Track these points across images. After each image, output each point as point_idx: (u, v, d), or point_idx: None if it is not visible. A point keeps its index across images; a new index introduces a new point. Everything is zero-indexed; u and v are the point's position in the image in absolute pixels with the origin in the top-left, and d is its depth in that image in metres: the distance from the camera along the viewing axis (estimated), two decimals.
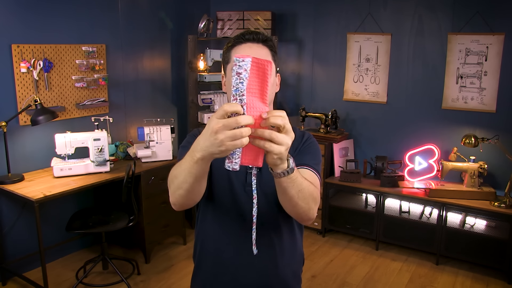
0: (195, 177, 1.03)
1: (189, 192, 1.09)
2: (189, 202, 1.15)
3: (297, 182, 1.05)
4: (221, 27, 4.10)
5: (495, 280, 3.23)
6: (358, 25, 3.89)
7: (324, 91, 4.19)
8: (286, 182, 1.03)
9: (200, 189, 1.11)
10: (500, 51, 3.33)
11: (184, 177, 1.05)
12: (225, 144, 0.88)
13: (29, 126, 3.03)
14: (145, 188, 3.27)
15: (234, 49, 1.27)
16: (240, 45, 1.26)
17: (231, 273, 1.32)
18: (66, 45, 3.26)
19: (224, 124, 0.87)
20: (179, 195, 1.11)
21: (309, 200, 1.12)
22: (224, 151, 0.90)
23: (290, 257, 1.36)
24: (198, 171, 1.00)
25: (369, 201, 3.75)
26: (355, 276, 3.30)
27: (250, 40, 1.26)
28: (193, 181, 1.04)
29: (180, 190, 1.09)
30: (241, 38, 1.27)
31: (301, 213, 1.14)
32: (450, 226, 3.35)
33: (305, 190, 1.09)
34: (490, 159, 3.40)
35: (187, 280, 3.13)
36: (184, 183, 1.06)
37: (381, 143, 3.97)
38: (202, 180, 1.07)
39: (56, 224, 3.30)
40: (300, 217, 1.18)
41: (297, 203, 1.09)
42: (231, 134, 0.87)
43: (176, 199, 1.14)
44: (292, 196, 1.07)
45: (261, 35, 1.27)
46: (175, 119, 4.27)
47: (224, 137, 0.87)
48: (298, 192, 1.07)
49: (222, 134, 0.87)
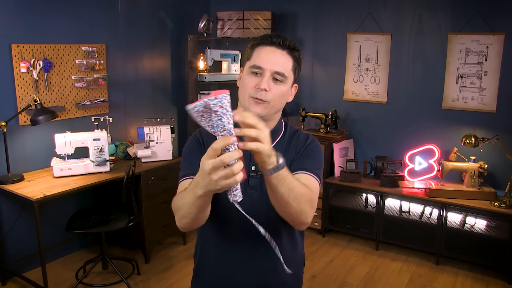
0: (199, 209, 1.08)
1: (195, 220, 1.14)
2: (196, 225, 1.20)
3: (287, 180, 1.06)
4: (221, 27, 4.10)
5: (495, 280, 3.23)
6: (358, 25, 3.88)
7: (324, 91, 4.18)
8: (276, 179, 1.04)
9: (205, 216, 1.16)
10: (500, 51, 3.33)
11: (189, 209, 1.09)
12: (220, 184, 0.93)
13: (29, 126, 3.03)
14: (145, 188, 3.27)
15: (257, 49, 1.26)
16: (264, 46, 1.25)
17: (232, 275, 1.32)
18: (66, 45, 3.26)
19: (214, 166, 0.91)
20: (185, 223, 1.16)
21: (301, 201, 1.11)
22: (223, 188, 0.95)
23: (290, 259, 1.36)
24: (201, 204, 1.06)
25: (369, 201, 3.75)
26: (355, 276, 3.30)
27: (276, 44, 1.24)
28: (197, 212, 1.09)
29: (185, 219, 1.14)
30: (267, 39, 1.25)
31: (293, 214, 1.13)
32: (450, 226, 3.35)
33: (296, 189, 1.09)
34: (490, 159, 3.40)
35: (187, 280, 3.13)
36: (189, 214, 1.11)
37: (381, 143, 3.97)
38: (206, 209, 1.12)
39: (56, 224, 3.30)
40: (293, 220, 1.16)
41: (287, 202, 1.09)
42: (223, 174, 0.92)
43: (182, 226, 1.19)
44: (282, 194, 1.07)
45: (288, 41, 1.25)
46: (175, 119, 4.27)
47: (217, 178, 0.93)
48: (289, 191, 1.07)
49: (215, 175, 0.92)
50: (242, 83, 1.27)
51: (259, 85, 1.21)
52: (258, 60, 1.23)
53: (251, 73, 1.24)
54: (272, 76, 1.22)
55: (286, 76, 1.24)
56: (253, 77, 1.24)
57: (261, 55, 1.23)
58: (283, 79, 1.24)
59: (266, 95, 1.21)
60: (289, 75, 1.25)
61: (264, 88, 1.21)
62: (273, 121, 1.31)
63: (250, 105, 1.23)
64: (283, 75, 1.23)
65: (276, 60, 1.23)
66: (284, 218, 1.18)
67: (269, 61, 1.22)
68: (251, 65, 1.24)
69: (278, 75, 1.23)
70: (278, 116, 1.33)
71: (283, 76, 1.23)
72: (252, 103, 1.23)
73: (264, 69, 1.22)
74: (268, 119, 1.27)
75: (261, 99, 1.22)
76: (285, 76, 1.24)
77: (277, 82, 1.23)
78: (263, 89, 1.21)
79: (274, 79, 1.23)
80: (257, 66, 1.23)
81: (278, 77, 1.23)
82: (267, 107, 1.23)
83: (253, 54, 1.26)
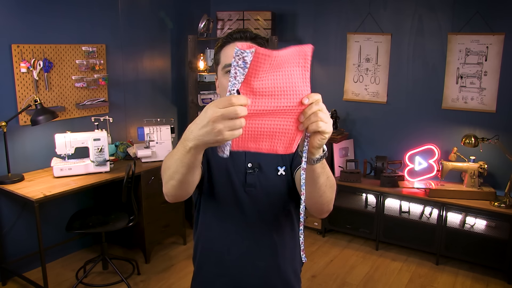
0: (187, 167, 1.00)
1: (182, 183, 1.06)
2: (182, 193, 1.12)
3: (326, 168, 1.05)
4: (221, 27, 4.10)
5: (495, 280, 3.23)
6: (358, 25, 3.89)
7: (324, 91, 4.14)
8: (321, 167, 1.01)
9: (193, 180, 1.08)
10: (500, 51, 3.33)
11: (176, 167, 1.02)
12: (223, 133, 0.85)
13: (29, 126, 3.03)
14: (145, 188, 3.27)
15: (223, 50, 1.26)
16: (228, 44, 1.25)
17: (233, 274, 1.31)
18: (66, 45, 3.26)
19: (224, 113, 0.83)
20: (172, 186, 1.08)
21: (334, 189, 1.12)
22: (220, 141, 0.86)
23: (291, 257, 1.36)
24: (190, 161, 0.97)
25: (369, 201, 3.75)
26: (355, 276, 3.30)
27: (238, 39, 1.25)
28: (185, 171, 1.01)
29: (172, 181, 1.06)
30: (229, 37, 1.26)
31: (325, 203, 1.13)
32: (450, 226, 3.35)
33: (331, 178, 1.09)
34: (490, 159, 3.40)
35: (187, 280, 3.13)
36: (176, 174, 1.03)
37: (381, 143, 3.97)
38: (195, 170, 1.04)
39: (56, 224, 3.30)
40: (322, 209, 1.15)
41: (324, 192, 1.08)
42: (231, 124, 0.84)
43: (168, 190, 1.11)
44: (322, 183, 1.06)
45: (248, 33, 1.26)
46: (175, 119, 4.27)
47: (223, 127, 0.84)
48: (327, 180, 1.07)
49: (221, 123, 0.84)
50: (221, 86, 1.26)
51: None
52: (227, 58, 1.23)
53: (225, 73, 1.24)
54: None
55: None
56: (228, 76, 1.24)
57: (228, 53, 1.24)
58: None
59: None
60: None
61: None
62: None
63: None
64: None
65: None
66: (313, 207, 1.15)
67: None
68: (223, 65, 1.24)
69: None
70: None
71: None
72: None
73: None
74: None
75: None
76: None
77: None
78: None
79: None
80: (229, 64, 1.22)
81: None
82: None
83: (221, 56, 1.26)
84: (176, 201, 1.16)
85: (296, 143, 0.94)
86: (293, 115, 0.90)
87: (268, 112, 0.89)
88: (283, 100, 0.88)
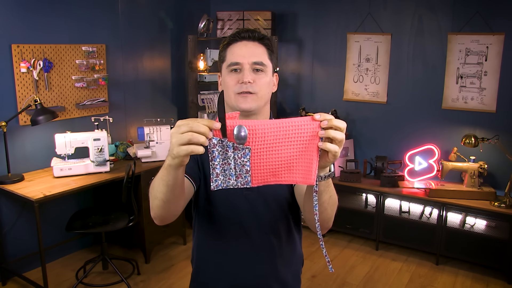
0: (167, 186, 1.01)
1: (165, 203, 1.06)
2: (167, 215, 1.13)
3: (331, 186, 1.05)
4: (221, 27, 4.10)
5: (495, 280, 3.23)
6: (358, 25, 3.89)
7: (324, 91, 4.19)
8: (324, 186, 1.02)
9: (176, 201, 1.09)
10: (500, 51, 3.33)
11: (158, 186, 1.04)
12: (191, 138, 0.88)
13: (29, 126, 3.03)
14: (145, 188, 3.27)
15: (229, 48, 1.26)
16: (235, 43, 1.26)
17: (231, 278, 1.31)
18: (66, 45, 3.26)
19: (191, 126, 0.88)
20: (156, 206, 1.09)
21: (335, 207, 1.12)
22: (187, 143, 0.88)
23: (289, 260, 1.36)
24: (169, 179, 0.99)
25: (369, 201, 3.75)
26: (355, 276, 3.30)
27: (246, 38, 1.25)
28: (166, 190, 1.02)
29: (156, 201, 1.08)
30: (236, 36, 1.26)
31: (325, 220, 1.12)
32: (450, 226, 3.35)
33: (334, 196, 1.09)
34: (490, 159, 3.40)
35: (187, 280, 3.12)
36: (159, 193, 1.05)
37: (381, 143, 3.97)
38: (176, 190, 1.04)
39: (56, 224, 3.30)
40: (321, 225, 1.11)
41: (326, 209, 1.08)
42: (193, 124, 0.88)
43: (154, 212, 1.12)
44: (323, 201, 1.06)
45: (257, 33, 1.27)
46: (175, 119, 4.27)
47: (183, 124, 0.89)
48: (329, 198, 1.07)
49: (184, 126, 0.88)
50: (225, 85, 1.26)
51: (242, 79, 1.21)
52: (233, 57, 1.24)
53: (230, 71, 1.24)
54: (251, 67, 1.23)
55: (265, 65, 1.24)
56: (233, 75, 1.24)
57: (235, 51, 1.24)
58: (263, 68, 1.24)
59: (252, 86, 1.22)
60: (267, 63, 1.26)
61: (248, 81, 1.21)
62: (263, 115, 1.30)
63: (238, 102, 1.23)
64: (261, 64, 1.24)
65: (251, 52, 1.24)
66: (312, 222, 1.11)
67: (244, 55, 1.23)
68: (229, 64, 1.25)
69: (257, 65, 1.23)
70: (267, 109, 1.32)
71: (262, 65, 1.24)
72: (240, 99, 1.22)
73: (242, 63, 1.22)
74: (258, 112, 1.26)
75: (248, 91, 1.21)
76: (264, 65, 1.24)
77: (258, 73, 1.24)
78: (247, 82, 1.21)
79: (254, 70, 1.23)
80: (235, 63, 1.23)
81: (257, 67, 1.23)
82: (256, 99, 1.23)
83: (226, 53, 1.26)
84: (163, 223, 1.17)
85: (314, 173, 0.95)
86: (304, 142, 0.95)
87: (280, 145, 0.95)
88: (291, 131, 0.95)
